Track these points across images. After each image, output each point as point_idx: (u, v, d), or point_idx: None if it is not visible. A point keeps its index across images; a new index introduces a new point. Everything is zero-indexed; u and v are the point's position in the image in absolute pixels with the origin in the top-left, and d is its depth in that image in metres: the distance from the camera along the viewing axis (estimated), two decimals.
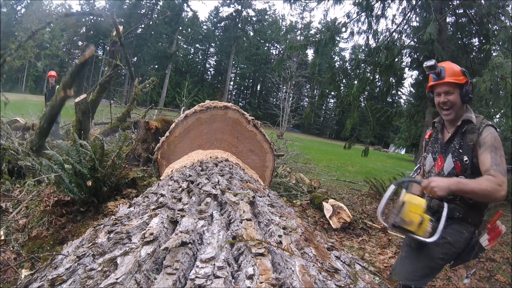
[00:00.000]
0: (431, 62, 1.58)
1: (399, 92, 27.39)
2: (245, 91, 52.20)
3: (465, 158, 1.50)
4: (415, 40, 6.42)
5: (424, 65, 1.59)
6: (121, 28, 4.99)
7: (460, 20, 6.64)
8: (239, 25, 43.65)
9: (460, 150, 1.54)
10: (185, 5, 40.56)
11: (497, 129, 1.52)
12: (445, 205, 1.42)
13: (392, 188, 1.53)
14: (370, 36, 6.76)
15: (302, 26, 41.62)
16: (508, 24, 5.12)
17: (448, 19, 6.31)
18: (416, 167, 1.86)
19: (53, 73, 7.35)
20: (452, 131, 1.61)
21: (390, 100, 25.45)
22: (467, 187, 1.40)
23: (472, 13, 6.21)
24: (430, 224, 1.37)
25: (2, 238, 2.15)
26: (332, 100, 39.02)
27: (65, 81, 3.76)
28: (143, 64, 39.16)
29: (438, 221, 1.55)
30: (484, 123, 1.51)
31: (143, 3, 40.21)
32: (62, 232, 2.25)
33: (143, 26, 38.91)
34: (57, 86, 7.16)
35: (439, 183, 1.40)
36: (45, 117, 3.82)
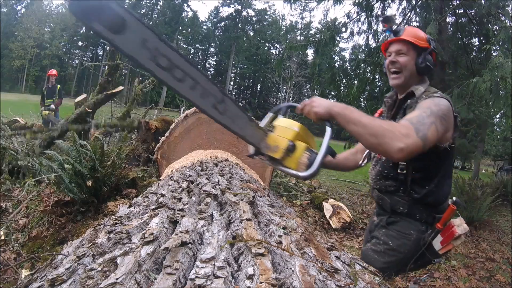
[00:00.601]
0: (388, 15, 1.37)
1: None
2: (245, 91, 52.20)
3: None
4: None
5: (381, 18, 1.47)
6: None
7: (460, 20, 6.64)
8: (239, 25, 43.65)
9: None
10: (185, 5, 40.54)
11: (451, 103, 1.17)
12: (328, 129, 1.06)
13: (269, 115, 1.19)
14: (370, 36, 6.75)
15: (302, 26, 41.63)
16: (508, 24, 5.12)
17: (448, 19, 6.30)
18: (365, 152, 1.50)
19: (54, 72, 7.38)
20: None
21: None
22: (353, 115, 1.00)
23: (472, 13, 6.21)
24: (306, 155, 1.03)
25: (2, 238, 2.15)
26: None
27: (90, 103, 4.62)
28: None
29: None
30: (428, 94, 1.20)
31: (143, 3, 40.21)
32: (62, 232, 2.25)
33: None
34: (58, 86, 7.19)
35: (321, 102, 1.08)
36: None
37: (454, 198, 1.21)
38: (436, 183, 1.22)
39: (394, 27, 1.30)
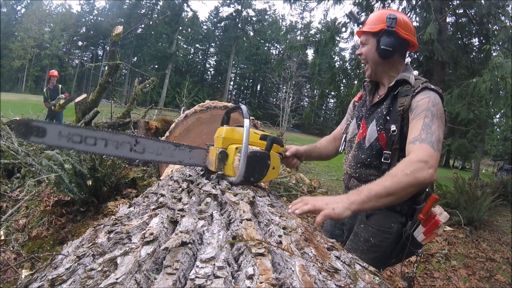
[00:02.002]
0: (349, 11, 1.38)
1: None
2: (245, 91, 52.22)
3: (393, 127, 1.15)
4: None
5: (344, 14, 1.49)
6: (121, 28, 4.99)
7: (460, 20, 6.64)
8: (239, 25, 43.67)
9: (388, 117, 1.19)
10: (185, 5, 40.61)
11: (442, 98, 1.15)
12: (246, 121, 1.04)
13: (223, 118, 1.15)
14: None
15: (302, 26, 41.63)
16: (508, 24, 5.12)
17: (448, 19, 6.30)
18: (343, 137, 1.46)
19: (55, 72, 7.40)
20: (384, 93, 1.27)
21: None
22: (380, 192, 0.94)
23: (472, 13, 6.21)
24: (238, 157, 1.03)
25: (2, 238, 2.15)
26: (332, 100, 39.05)
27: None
28: (143, 64, 39.17)
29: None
30: (423, 86, 1.16)
31: (143, 3, 40.24)
32: (62, 232, 2.25)
33: (143, 26, 38.93)
34: (60, 86, 7.20)
35: (335, 206, 0.91)
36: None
37: (427, 189, 1.22)
38: None
39: (362, 18, 1.31)
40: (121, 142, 0.99)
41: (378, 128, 1.20)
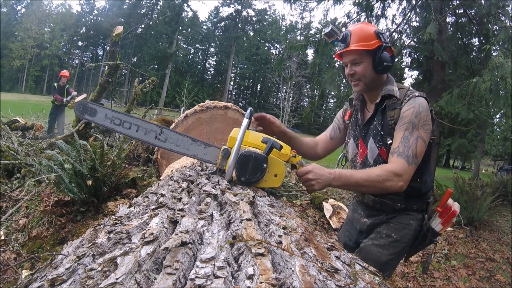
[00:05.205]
0: (327, 29, 1.32)
1: None
2: (245, 91, 52.24)
3: (389, 140, 1.23)
4: (415, 40, 6.42)
5: (322, 34, 1.48)
6: (121, 28, 4.99)
7: (460, 20, 6.63)
8: (239, 25, 43.67)
9: (382, 132, 1.25)
10: (185, 5, 40.62)
11: (428, 101, 1.22)
12: (244, 119, 1.14)
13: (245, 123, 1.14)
14: None
15: (302, 26, 41.66)
16: (508, 24, 5.12)
17: (448, 19, 6.30)
18: (339, 156, 1.60)
19: (67, 73, 7.51)
20: (372, 109, 1.32)
21: None
22: (352, 180, 1.16)
23: (472, 13, 6.21)
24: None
25: (2, 238, 2.15)
26: (332, 100, 39.01)
27: None
28: (143, 64, 39.17)
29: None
30: (408, 95, 1.22)
31: (143, 3, 40.25)
32: (62, 232, 2.25)
33: (143, 26, 38.95)
34: (67, 86, 7.25)
35: (320, 177, 1.14)
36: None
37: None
38: (426, 174, 1.29)
39: (340, 36, 1.26)
40: (149, 130, 1.17)
41: (377, 145, 1.27)
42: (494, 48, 5.42)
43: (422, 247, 1.34)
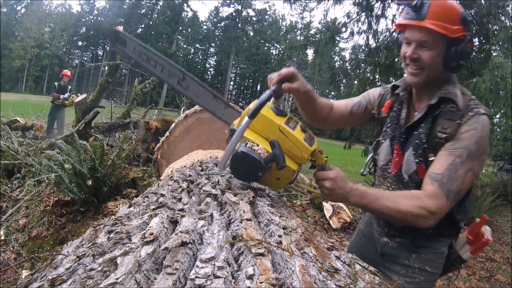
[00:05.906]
0: None
1: None
2: (245, 91, 52.23)
3: (432, 157, 0.98)
4: None
5: None
6: (121, 28, 4.99)
7: None
8: (239, 25, 43.63)
9: (426, 145, 0.99)
10: (185, 5, 40.57)
11: (490, 121, 0.97)
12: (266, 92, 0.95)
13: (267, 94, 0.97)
14: (370, 36, 6.74)
15: (302, 26, 41.63)
16: (508, 24, 5.12)
17: None
18: (367, 158, 1.26)
19: (68, 73, 7.55)
20: (422, 110, 1.02)
21: None
22: (374, 205, 0.94)
23: (472, 13, 6.21)
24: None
25: (2, 238, 2.15)
26: (332, 100, 38.92)
27: None
28: None
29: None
30: (472, 109, 0.95)
31: (143, 3, 40.22)
32: (62, 232, 2.25)
33: (143, 26, 38.91)
34: (69, 87, 7.26)
35: (338, 190, 0.93)
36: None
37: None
38: (466, 199, 1.08)
39: (415, 1, 0.93)
40: (173, 73, 1.15)
41: (417, 160, 1.01)
42: (494, 48, 5.42)
43: (443, 273, 1.16)
